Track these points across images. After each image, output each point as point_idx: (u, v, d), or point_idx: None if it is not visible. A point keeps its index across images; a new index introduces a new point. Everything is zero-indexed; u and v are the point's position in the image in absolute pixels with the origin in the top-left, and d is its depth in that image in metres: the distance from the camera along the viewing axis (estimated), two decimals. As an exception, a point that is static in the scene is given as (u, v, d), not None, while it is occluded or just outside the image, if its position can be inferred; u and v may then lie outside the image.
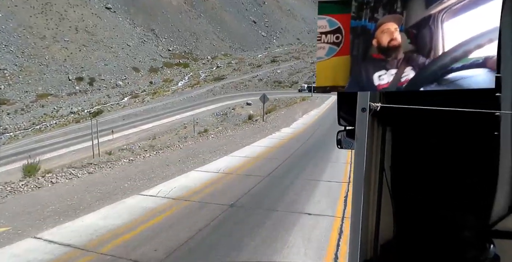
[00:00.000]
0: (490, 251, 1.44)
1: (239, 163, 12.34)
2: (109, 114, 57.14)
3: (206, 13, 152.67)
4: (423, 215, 1.56)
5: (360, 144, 1.31)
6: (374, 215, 1.49)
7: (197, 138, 22.79)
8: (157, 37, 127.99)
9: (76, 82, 79.45)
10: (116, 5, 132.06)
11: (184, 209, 7.48)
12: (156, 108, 58.72)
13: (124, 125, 49.18)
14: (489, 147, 1.41)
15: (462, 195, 1.49)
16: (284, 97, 59.87)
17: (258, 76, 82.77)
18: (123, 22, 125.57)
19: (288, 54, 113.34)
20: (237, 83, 75.53)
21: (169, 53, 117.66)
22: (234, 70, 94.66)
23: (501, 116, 1.36)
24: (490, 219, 1.48)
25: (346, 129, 2.00)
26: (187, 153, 14.75)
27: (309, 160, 13.27)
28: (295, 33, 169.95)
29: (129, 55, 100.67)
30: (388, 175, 1.51)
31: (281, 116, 32.11)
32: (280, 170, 11.34)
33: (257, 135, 20.67)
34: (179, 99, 64.69)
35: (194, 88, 73.87)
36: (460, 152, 1.47)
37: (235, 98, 62.23)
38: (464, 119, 1.32)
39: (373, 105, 1.28)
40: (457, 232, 1.51)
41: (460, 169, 1.48)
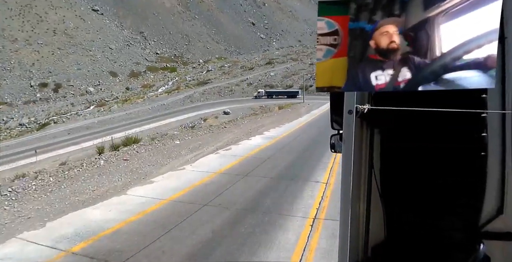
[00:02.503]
0: (480, 252, 1.43)
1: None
2: (57, 127, 46.92)
3: (201, 15, 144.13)
4: (413, 217, 1.56)
5: (348, 146, 1.31)
6: (364, 217, 1.48)
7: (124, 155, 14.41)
8: (146, 40, 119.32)
9: (38, 89, 70.11)
10: (105, 7, 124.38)
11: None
12: (115, 119, 48.39)
13: (64, 142, 39.10)
14: (477, 148, 1.41)
15: (451, 197, 1.50)
16: (271, 104, 49.10)
17: (248, 80, 72.17)
18: (109, 25, 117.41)
19: (286, 56, 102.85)
20: (222, 88, 65.02)
21: (156, 57, 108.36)
22: (224, 73, 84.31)
23: (488, 118, 1.36)
24: (480, 220, 1.47)
25: (339, 133, 1.94)
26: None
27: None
28: (296, 35, 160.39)
29: (109, 59, 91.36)
30: (377, 177, 1.51)
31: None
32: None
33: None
34: (148, 107, 54.32)
35: (171, 95, 63.50)
36: (448, 154, 1.47)
37: (214, 106, 51.69)
38: (452, 120, 1.34)
39: (360, 108, 1.28)
40: (447, 234, 1.52)
41: (449, 170, 1.49)
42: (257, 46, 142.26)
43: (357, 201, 1.41)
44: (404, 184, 1.55)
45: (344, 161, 1.32)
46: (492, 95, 1.34)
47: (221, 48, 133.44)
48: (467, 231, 1.49)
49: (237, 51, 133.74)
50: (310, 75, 67.07)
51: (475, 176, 1.43)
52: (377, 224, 1.52)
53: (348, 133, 1.30)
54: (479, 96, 1.29)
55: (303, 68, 75.77)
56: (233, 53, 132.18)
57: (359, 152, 1.38)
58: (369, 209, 1.48)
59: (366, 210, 1.47)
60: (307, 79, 65.66)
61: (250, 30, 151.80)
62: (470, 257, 1.44)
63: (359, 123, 1.31)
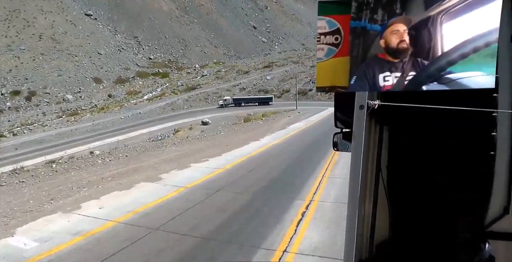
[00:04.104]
0: (485, 251, 1.42)
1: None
2: (8, 141, 39.95)
3: (200, 19, 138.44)
4: (419, 215, 1.54)
5: (358, 142, 1.28)
6: (370, 215, 1.46)
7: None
8: (140, 44, 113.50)
9: (9, 97, 63.83)
10: (99, 12, 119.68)
11: None
12: (77, 131, 41.26)
13: (4, 160, 31.97)
14: (486, 147, 1.40)
15: (458, 196, 1.48)
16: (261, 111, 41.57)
17: (241, 84, 64.79)
18: (102, 29, 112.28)
19: (287, 59, 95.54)
20: (210, 94, 57.75)
21: (149, 62, 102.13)
22: (217, 78, 77.18)
23: (498, 117, 1.36)
24: (485, 220, 1.46)
25: (343, 131, 1.93)
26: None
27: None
28: (300, 38, 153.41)
29: (96, 65, 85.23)
30: (384, 174, 1.49)
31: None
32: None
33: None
34: (121, 117, 47.15)
35: (152, 102, 56.36)
36: (456, 153, 1.46)
37: (196, 115, 44.36)
38: (462, 119, 1.32)
39: (371, 103, 1.26)
40: (452, 233, 1.50)
41: (456, 169, 1.47)
42: (258, 50, 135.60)
43: (363, 198, 1.37)
44: (411, 182, 1.51)
45: (353, 157, 1.27)
46: (503, 94, 1.31)
47: (220, 52, 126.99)
48: (473, 231, 1.45)
49: (236, 56, 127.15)
50: (310, 78, 59.35)
51: (482, 175, 1.39)
52: (382, 222, 1.48)
53: (358, 128, 1.25)
54: (490, 95, 1.25)
55: (303, 71, 68.10)
56: (233, 57, 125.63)
57: (367, 149, 1.33)
58: (375, 206, 1.44)
59: (372, 208, 1.43)
60: (306, 83, 58.04)
61: (251, 34, 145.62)
62: (475, 256, 1.42)
63: (368, 119, 1.27)
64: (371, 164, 1.41)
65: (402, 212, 1.53)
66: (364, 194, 1.37)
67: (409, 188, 1.54)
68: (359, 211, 1.32)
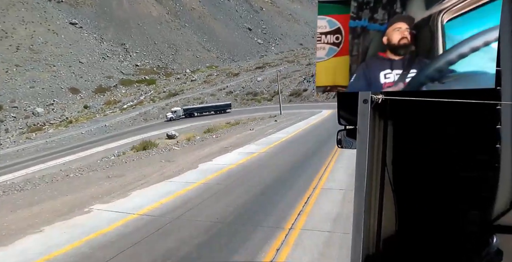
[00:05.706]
0: (493, 245, 1.42)
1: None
2: None
3: (192, 23, 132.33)
4: (425, 210, 1.55)
5: (363, 137, 1.29)
6: (376, 210, 1.46)
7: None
8: (127, 51, 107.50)
9: (-30, 113, 57.49)
10: (85, 20, 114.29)
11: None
12: (24, 151, 34.22)
13: None
14: (490, 140, 1.40)
15: (464, 190, 1.48)
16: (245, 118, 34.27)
17: (228, 87, 57.59)
18: (87, 38, 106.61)
19: (283, 59, 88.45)
20: (190, 100, 50.57)
21: (135, 69, 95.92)
22: (204, 82, 70.12)
23: (502, 110, 1.36)
24: (493, 213, 1.46)
25: (346, 128, 1.92)
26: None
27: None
28: (297, 38, 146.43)
29: (75, 74, 79.05)
30: (389, 170, 1.49)
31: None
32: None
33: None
34: (81, 132, 40.05)
35: (125, 112, 49.31)
36: (462, 146, 1.46)
37: (167, 126, 37.08)
38: (466, 113, 1.34)
39: (374, 97, 1.26)
40: (459, 227, 1.50)
41: (462, 163, 1.47)
42: (253, 52, 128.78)
43: (369, 193, 1.37)
44: (416, 177, 1.52)
45: (358, 153, 1.27)
46: (506, 87, 1.32)
47: (213, 56, 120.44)
48: (480, 225, 1.46)
49: (230, 59, 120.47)
50: (304, 77, 51.94)
51: (488, 168, 1.40)
52: (388, 217, 1.48)
53: (363, 122, 1.25)
54: (493, 88, 1.26)
55: (298, 70, 60.77)
56: (226, 60, 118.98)
57: (372, 144, 1.33)
58: (381, 201, 1.45)
59: (378, 203, 1.44)
60: (301, 82, 50.62)
61: (246, 36, 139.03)
62: (483, 251, 1.42)
63: (372, 114, 1.27)
64: (376, 159, 1.39)
65: (408, 206, 1.50)
66: (370, 189, 1.37)
67: (415, 182, 1.51)
68: (366, 206, 1.31)
